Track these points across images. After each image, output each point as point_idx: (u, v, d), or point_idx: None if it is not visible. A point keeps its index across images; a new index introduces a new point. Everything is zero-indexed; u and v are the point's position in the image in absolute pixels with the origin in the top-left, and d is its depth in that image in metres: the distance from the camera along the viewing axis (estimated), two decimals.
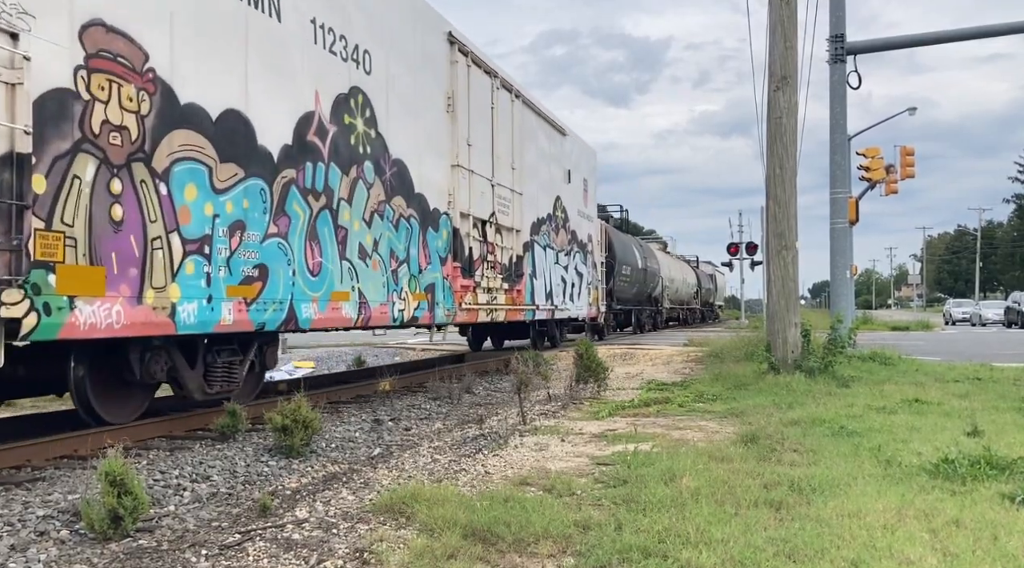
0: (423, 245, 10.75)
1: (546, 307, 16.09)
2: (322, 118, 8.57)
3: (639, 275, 27.36)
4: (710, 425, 7.66)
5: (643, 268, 28.09)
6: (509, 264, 13.95)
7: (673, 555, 3.67)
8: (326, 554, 3.96)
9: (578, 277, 18.85)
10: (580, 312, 19.11)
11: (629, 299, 27.02)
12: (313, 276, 8.33)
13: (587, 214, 20.06)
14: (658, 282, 31.92)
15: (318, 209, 8.44)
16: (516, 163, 14.34)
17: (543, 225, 16.13)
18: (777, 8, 11.72)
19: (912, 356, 14.68)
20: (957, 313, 47.72)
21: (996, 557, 3.63)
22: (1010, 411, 7.88)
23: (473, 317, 12.38)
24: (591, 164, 20.68)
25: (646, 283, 28.92)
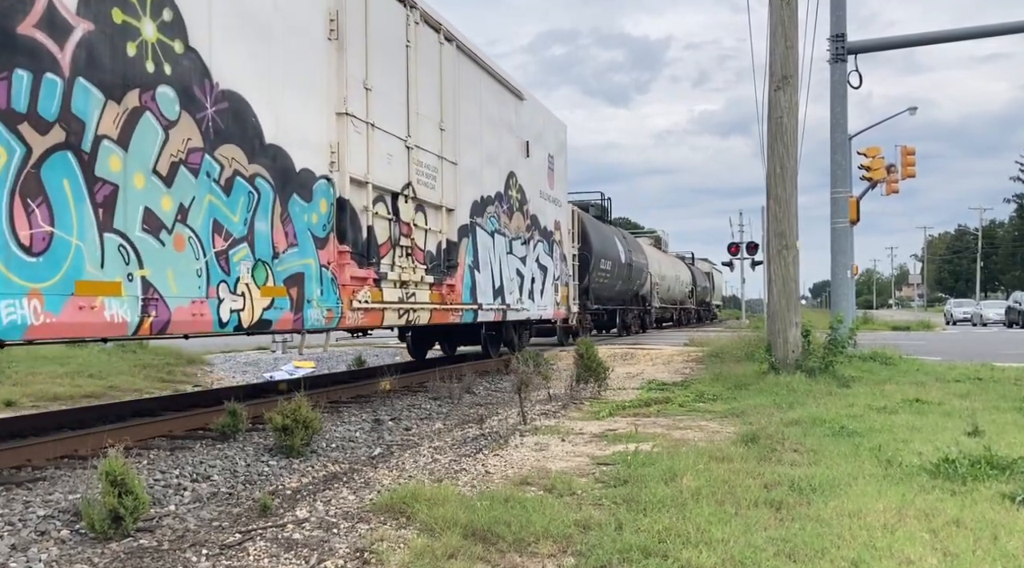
0: (281, 218, 7.61)
1: (493, 307, 13.08)
2: (56, 4, 5.52)
3: (622, 271, 24.69)
4: (710, 425, 7.66)
5: (627, 263, 25.34)
6: (437, 252, 10.99)
7: (673, 555, 3.67)
8: (327, 554, 3.96)
9: (541, 271, 15.78)
10: (544, 312, 16.01)
11: (611, 297, 24.40)
12: (30, 254, 5.27)
13: (553, 198, 16.91)
14: (646, 279, 29.36)
15: (45, 149, 5.40)
16: (448, 124, 11.29)
17: (490, 206, 13.06)
18: (778, 8, 11.71)
19: (913, 356, 14.67)
20: (958, 313, 47.71)
21: (996, 557, 3.63)
22: (1011, 411, 7.88)
23: (375, 319, 9.35)
24: (559, 140, 17.57)
25: (631, 280, 26.33)
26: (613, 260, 23.42)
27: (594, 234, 21.52)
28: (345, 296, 8.64)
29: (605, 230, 23.86)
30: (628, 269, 25.58)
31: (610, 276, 23.30)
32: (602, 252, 22.01)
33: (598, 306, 22.48)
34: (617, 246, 24.50)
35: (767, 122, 11.90)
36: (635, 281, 27.17)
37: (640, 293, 28.86)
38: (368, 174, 9.11)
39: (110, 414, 8.42)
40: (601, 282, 22.47)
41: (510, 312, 13.98)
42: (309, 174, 8.13)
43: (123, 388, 12.41)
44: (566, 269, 17.82)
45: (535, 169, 15.62)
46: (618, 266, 24.12)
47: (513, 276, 14.14)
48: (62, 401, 10.93)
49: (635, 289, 27.78)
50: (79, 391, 11.58)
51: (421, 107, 10.49)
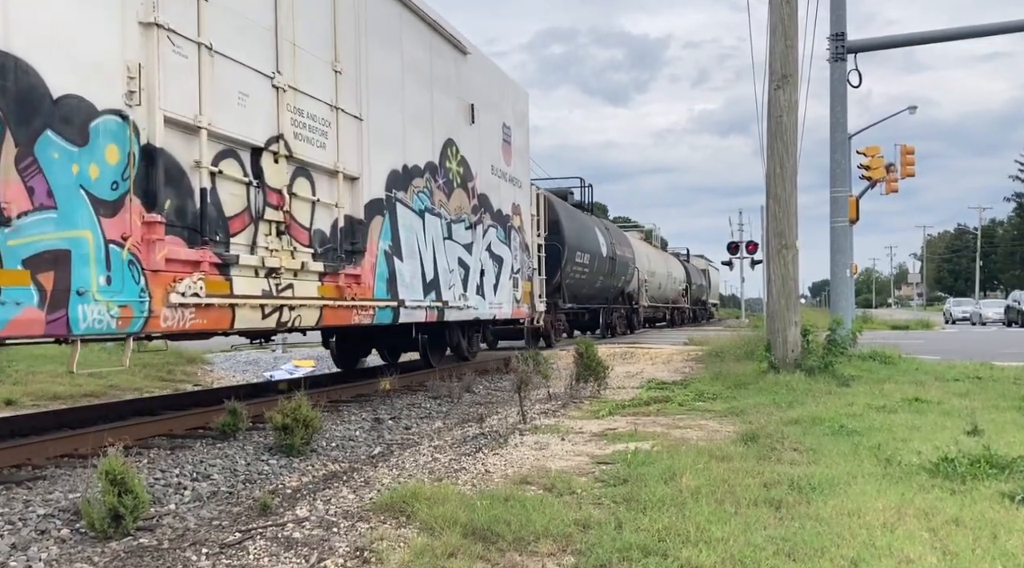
0: (19, 166, 5.15)
1: (424, 304, 10.51)
2: None
3: (603, 265, 22.26)
4: (710, 424, 7.67)
5: (610, 257, 22.89)
6: (333, 232, 8.65)
7: (673, 554, 3.67)
8: (327, 553, 3.97)
9: (494, 262, 13.33)
10: (500, 311, 13.53)
11: (592, 295, 22.20)
12: None
13: (511, 176, 14.35)
14: (633, 275, 26.89)
15: None
16: (346, 66, 8.87)
17: (418, 178, 10.53)
18: (778, 7, 11.71)
19: (912, 355, 14.67)
20: (957, 312, 47.73)
21: (996, 556, 3.63)
22: (1010, 410, 7.89)
23: (218, 320, 6.87)
24: (519, 110, 14.92)
25: (615, 276, 23.97)
26: (592, 253, 21.02)
27: (567, 222, 19.11)
28: (157, 287, 6.13)
29: (582, 219, 21.38)
30: (611, 263, 23.12)
31: (588, 271, 20.84)
32: (578, 243, 19.63)
33: (573, 305, 20.21)
34: (597, 238, 22.06)
35: (767, 121, 11.90)
36: (620, 277, 24.72)
37: (626, 291, 26.67)
38: (201, 116, 6.61)
39: (110, 413, 8.43)
40: (577, 277, 20.17)
41: (450, 311, 11.39)
42: (82, 105, 5.61)
43: (123, 387, 12.42)
44: (529, 261, 15.33)
45: (484, 140, 12.96)
46: (598, 260, 21.63)
47: (453, 267, 11.60)
48: (62, 400, 10.93)
49: (620, 286, 25.42)
50: (79, 390, 11.58)
51: (301, 38, 8.07)
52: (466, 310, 12.19)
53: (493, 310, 13.32)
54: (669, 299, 36.11)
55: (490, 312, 13.19)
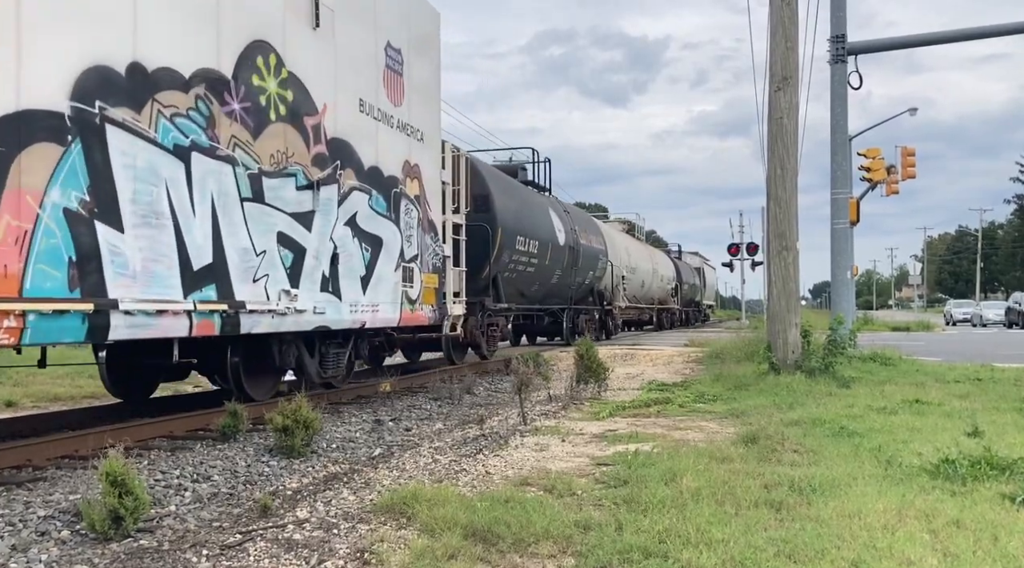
0: None
1: (181, 307, 6.52)
2: None
3: (561, 256, 18.04)
4: (711, 425, 7.66)
5: (570, 246, 18.70)
6: None
7: (674, 555, 3.67)
8: (327, 554, 3.97)
9: (364, 245, 9.23)
10: (373, 315, 9.43)
11: (546, 294, 18.09)
12: None
13: (401, 122, 10.16)
14: (606, 271, 22.66)
15: None
16: None
17: (172, 92, 6.51)
18: (778, 9, 11.72)
19: (913, 356, 14.68)
20: (958, 314, 47.75)
21: (996, 557, 3.63)
22: (1011, 412, 7.89)
23: None
24: (420, 30, 10.87)
25: (579, 271, 19.72)
26: (542, 240, 16.69)
27: (502, 198, 14.68)
28: None
29: (527, 196, 17.07)
30: (572, 255, 18.84)
31: (537, 263, 16.55)
32: (518, 226, 15.26)
33: (513, 305, 15.70)
34: (552, 222, 17.77)
35: (767, 123, 11.91)
36: (586, 272, 20.54)
37: (597, 288, 22.50)
38: None
39: (110, 414, 8.42)
40: (520, 271, 15.77)
41: (253, 318, 7.34)
42: None
43: None
44: (437, 246, 11.26)
45: (345, 59, 8.90)
46: (553, 249, 17.40)
47: (266, 247, 7.57)
48: (63, 401, 10.93)
49: (588, 283, 21.23)
50: (80, 391, 11.58)
51: None
52: (293, 316, 7.88)
53: (361, 315, 9.06)
54: (655, 299, 32.36)
55: (354, 318, 8.92)
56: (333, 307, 8.61)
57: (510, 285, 15.58)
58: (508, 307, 15.55)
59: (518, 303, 16.56)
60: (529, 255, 16.13)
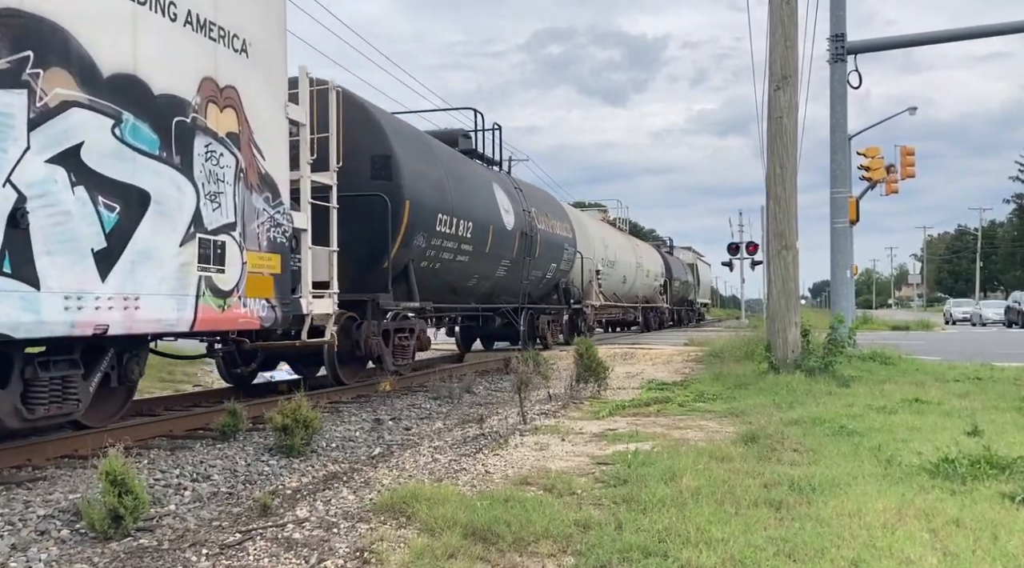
0: None
1: None
2: None
3: (507, 244, 14.65)
4: (710, 424, 7.66)
5: (523, 232, 15.35)
6: None
7: (673, 554, 3.67)
8: (327, 553, 3.96)
9: (106, 201, 5.90)
10: (122, 316, 5.98)
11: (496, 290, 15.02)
12: None
13: (196, 14, 6.89)
14: (574, 264, 19.40)
15: None
16: None
17: None
18: (778, 8, 11.72)
19: (912, 356, 14.67)
20: (957, 313, 47.76)
21: (996, 557, 3.63)
22: (1010, 411, 7.89)
23: None
24: None
25: (537, 262, 16.44)
26: (479, 222, 13.22)
27: (413, 162, 11.16)
28: None
29: (457, 165, 13.17)
30: (525, 243, 15.48)
31: (472, 251, 13.06)
32: (441, 201, 11.76)
33: (427, 304, 11.93)
34: (495, 201, 14.29)
35: (767, 122, 11.91)
36: (546, 265, 17.24)
37: (564, 284, 19.18)
38: None
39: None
40: (445, 260, 12.25)
41: None
42: None
43: None
44: (279, 214, 8.02)
45: None
46: (496, 234, 13.99)
47: None
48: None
49: (551, 278, 18.00)
50: None
51: None
52: None
53: (93, 314, 5.78)
54: (639, 297, 29.20)
55: (73, 319, 5.61)
56: (16, 301, 5.18)
57: (433, 278, 12.13)
58: (422, 307, 11.72)
59: (450, 301, 13.43)
60: (459, 240, 12.51)
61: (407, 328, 11.58)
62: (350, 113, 10.06)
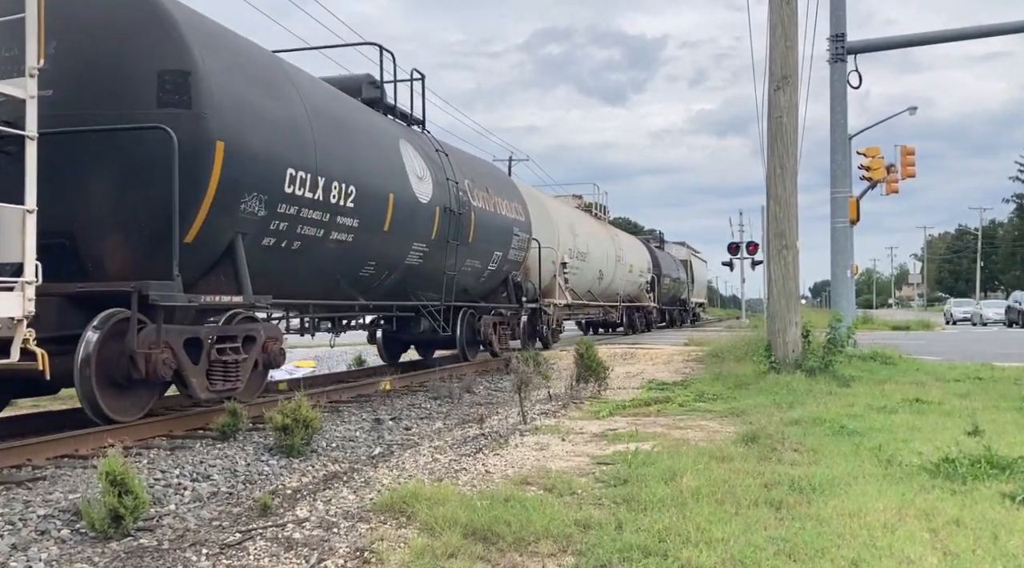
0: None
1: None
2: None
3: (424, 223, 11.37)
4: (711, 424, 7.66)
5: (446, 208, 11.98)
6: None
7: (673, 554, 3.67)
8: (327, 553, 3.96)
9: None
10: None
11: (406, 284, 11.63)
12: None
13: None
14: (527, 252, 16.15)
15: None
16: None
17: None
18: (778, 8, 11.71)
19: (913, 355, 14.67)
20: (958, 312, 47.74)
21: (996, 556, 3.63)
22: (1011, 410, 7.89)
23: None
24: None
25: (471, 249, 13.14)
26: (372, 190, 9.85)
27: (234, 84, 7.71)
28: None
29: (318, 98, 9.43)
30: (450, 223, 12.08)
31: (359, 227, 9.60)
32: (290, 148, 8.35)
33: (264, 300, 8.33)
34: (401, 165, 10.86)
35: (767, 122, 11.91)
36: (487, 254, 13.92)
37: (514, 279, 15.73)
38: None
39: None
40: (303, 236, 8.71)
41: None
42: None
43: None
44: None
45: None
46: (401, 209, 10.55)
47: None
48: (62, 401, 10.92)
49: (496, 269, 14.65)
50: None
51: None
52: None
53: None
54: (621, 295, 26.07)
55: None
56: None
57: (288, 263, 8.67)
58: (256, 302, 8.06)
59: (333, 296, 10.06)
60: (333, 210, 8.94)
61: (240, 335, 7.90)
62: (114, 2, 7.21)
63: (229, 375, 7.83)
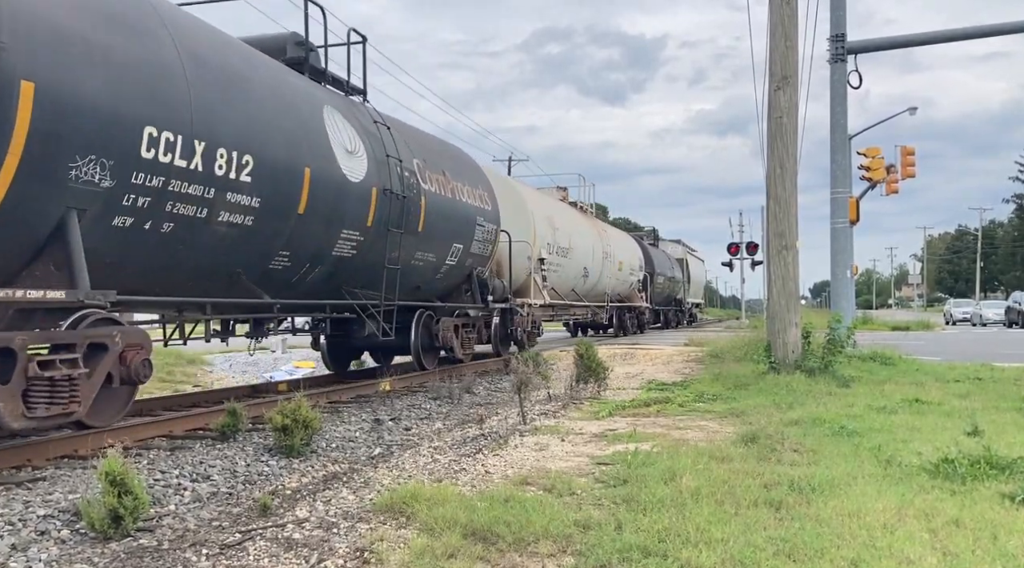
0: None
1: None
2: None
3: (356, 206, 9.44)
4: (710, 425, 7.66)
5: (386, 190, 9.98)
6: None
7: (673, 554, 3.67)
8: (327, 553, 3.96)
9: None
10: None
11: (338, 279, 9.77)
12: None
13: None
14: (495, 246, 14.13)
15: None
16: None
17: None
18: (778, 8, 11.72)
19: (912, 356, 14.67)
20: (958, 313, 47.76)
21: (996, 557, 3.63)
22: (1010, 411, 7.88)
23: None
24: None
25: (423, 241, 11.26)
26: (273, 159, 7.90)
27: (44, 6, 5.74)
28: None
29: (200, 45, 7.36)
30: (390, 206, 10.12)
31: (258, 207, 7.71)
32: (149, 102, 6.44)
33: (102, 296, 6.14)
34: (323, 128, 8.99)
35: (767, 122, 11.91)
36: (444, 246, 12.02)
37: (478, 275, 13.58)
38: None
39: None
40: (176, 217, 6.84)
41: None
42: None
43: None
44: None
45: None
46: (321, 185, 8.66)
47: None
48: None
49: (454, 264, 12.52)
50: None
51: None
52: None
53: None
54: (609, 295, 24.41)
55: None
56: None
57: (159, 249, 6.96)
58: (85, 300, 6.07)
59: (230, 294, 8.11)
60: (219, 185, 7.20)
61: (80, 344, 5.99)
62: None
63: (59, 396, 5.80)
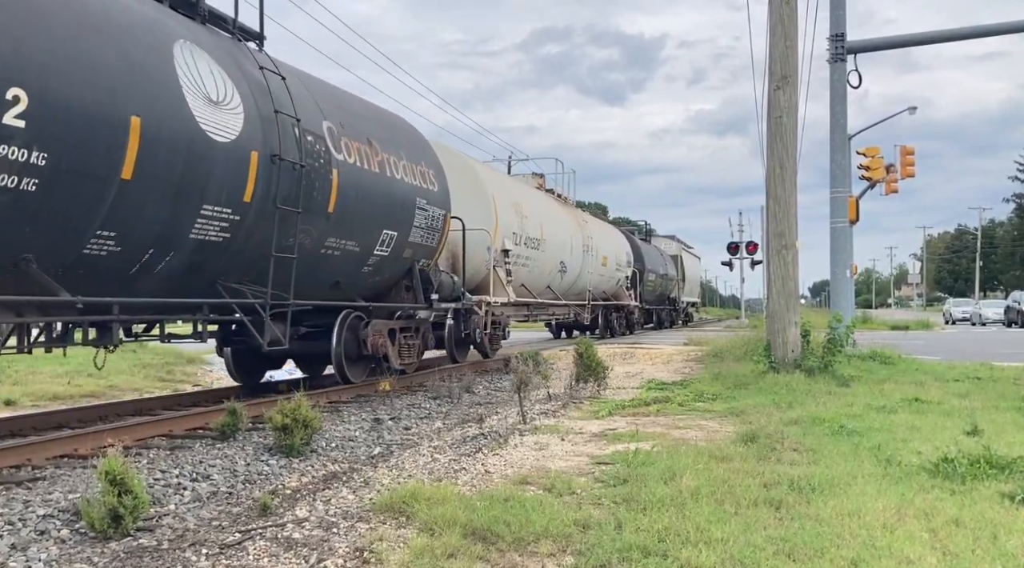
0: None
1: None
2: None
3: (221, 169, 7.16)
4: (710, 424, 7.66)
5: (267, 154, 7.68)
6: None
7: (673, 554, 3.67)
8: (326, 553, 3.96)
9: None
10: None
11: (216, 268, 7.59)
12: None
13: None
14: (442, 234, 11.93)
15: None
16: None
17: None
18: (777, 7, 11.72)
19: (912, 355, 14.68)
20: (957, 312, 47.76)
21: (996, 556, 3.63)
22: (1010, 410, 7.89)
23: None
24: None
25: (328, 221, 8.84)
26: (83, 108, 5.76)
27: None
28: None
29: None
30: (283, 178, 7.92)
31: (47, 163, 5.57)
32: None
33: None
34: (171, 66, 6.77)
35: (766, 122, 11.91)
36: (368, 233, 9.86)
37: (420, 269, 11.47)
38: None
39: (110, 413, 8.43)
40: None
41: None
42: None
43: (123, 387, 12.41)
44: None
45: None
46: (165, 145, 6.55)
47: None
48: (62, 400, 10.92)
49: (388, 255, 10.49)
50: (79, 390, 11.58)
51: None
52: None
53: None
54: (592, 292, 22.16)
55: None
56: None
57: None
58: None
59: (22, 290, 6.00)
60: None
61: None
62: None
63: None
